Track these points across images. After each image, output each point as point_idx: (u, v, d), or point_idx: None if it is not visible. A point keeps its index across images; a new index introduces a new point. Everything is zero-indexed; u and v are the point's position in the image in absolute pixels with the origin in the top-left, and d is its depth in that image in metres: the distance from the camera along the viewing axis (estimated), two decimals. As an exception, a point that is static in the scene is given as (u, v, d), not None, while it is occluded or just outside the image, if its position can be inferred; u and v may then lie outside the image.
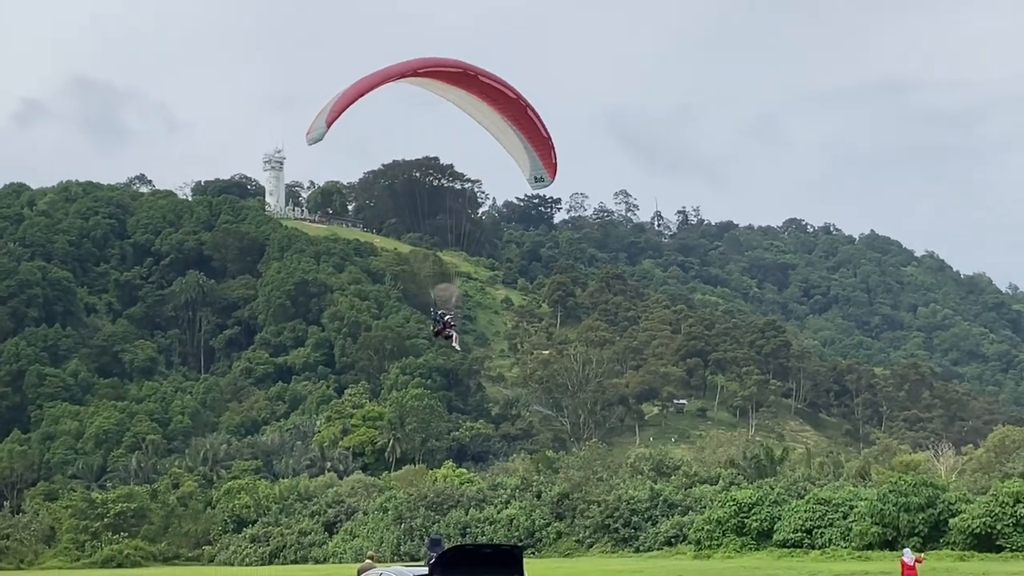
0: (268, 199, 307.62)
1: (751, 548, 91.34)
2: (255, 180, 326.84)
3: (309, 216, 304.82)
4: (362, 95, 30.25)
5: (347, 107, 30.26)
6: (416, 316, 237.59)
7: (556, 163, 32.85)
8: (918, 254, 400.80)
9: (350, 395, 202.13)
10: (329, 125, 29.35)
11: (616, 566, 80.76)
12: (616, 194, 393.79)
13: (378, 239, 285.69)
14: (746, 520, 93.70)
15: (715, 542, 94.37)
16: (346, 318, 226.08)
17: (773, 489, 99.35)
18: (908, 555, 33.93)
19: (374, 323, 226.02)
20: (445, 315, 32.20)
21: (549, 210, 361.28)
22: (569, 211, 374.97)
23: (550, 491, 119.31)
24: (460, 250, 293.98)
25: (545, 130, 31.78)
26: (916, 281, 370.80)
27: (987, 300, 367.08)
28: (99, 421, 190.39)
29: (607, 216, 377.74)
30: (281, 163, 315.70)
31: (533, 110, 31.63)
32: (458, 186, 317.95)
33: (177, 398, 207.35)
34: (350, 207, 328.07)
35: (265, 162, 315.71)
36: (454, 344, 31.37)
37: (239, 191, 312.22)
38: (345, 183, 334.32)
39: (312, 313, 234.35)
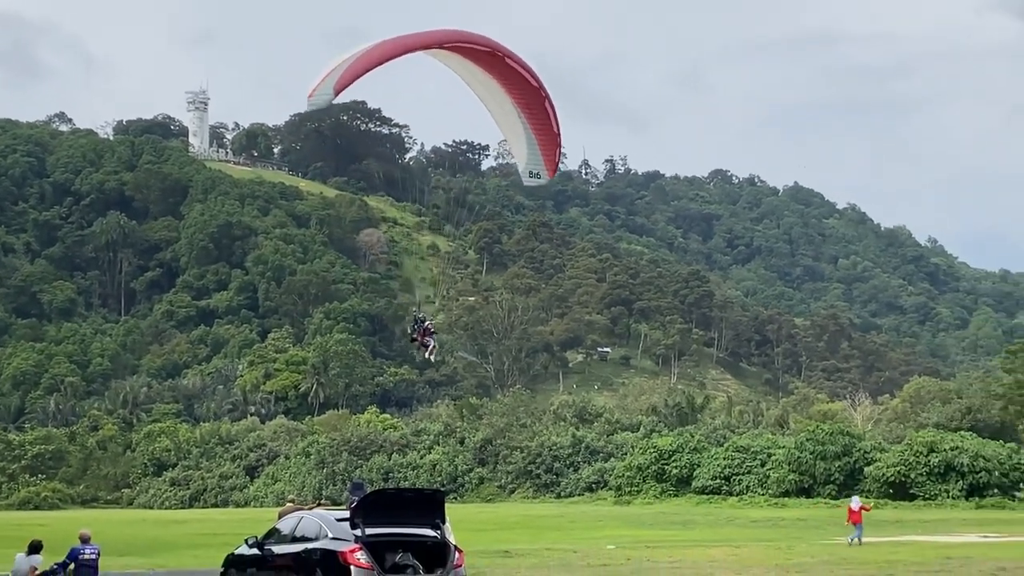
0: (192, 140, 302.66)
1: (671, 494, 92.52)
2: (178, 120, 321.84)
3: (234, 158, 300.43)
4: (380, 64, 29.14)
5: (361, 76, 29.15)
6: (342, 261, 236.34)
7: (558, 162, 31.93)
8: (840, 207, 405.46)
9: (273, 339, 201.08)
10: (337, 92, 28.16)
11: (538, 511, 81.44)
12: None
13: (304, 183, 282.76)
14: (666, 467, 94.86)
15: (635, 488, 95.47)
16: (270, 262, 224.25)
17: (693, 437, 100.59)
18: (855, 502, 35.18)
19: (299, 267, 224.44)
20: (425, 320, 31.50)
21: (477, 157, 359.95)
22: (497, 158, 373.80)
23: (473, 437, 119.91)
24: (387, 195, 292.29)
25: (557, 126, 30.83)
26: (838, 233, 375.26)
27: (906, 253, 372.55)
28: (16, 362, 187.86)
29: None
30: (205, 104, 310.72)
31: (551, 103, 30.63)
32: (386, 131, 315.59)
33: (97, 340, 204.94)
34: (276, 150, 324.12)
35: (189, 102, 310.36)
36: (429, 356, 30.46)
37: (162, 131, 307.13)
38: (271, 125, 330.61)
39: (236, 256, 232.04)
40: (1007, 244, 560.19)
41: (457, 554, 20.78)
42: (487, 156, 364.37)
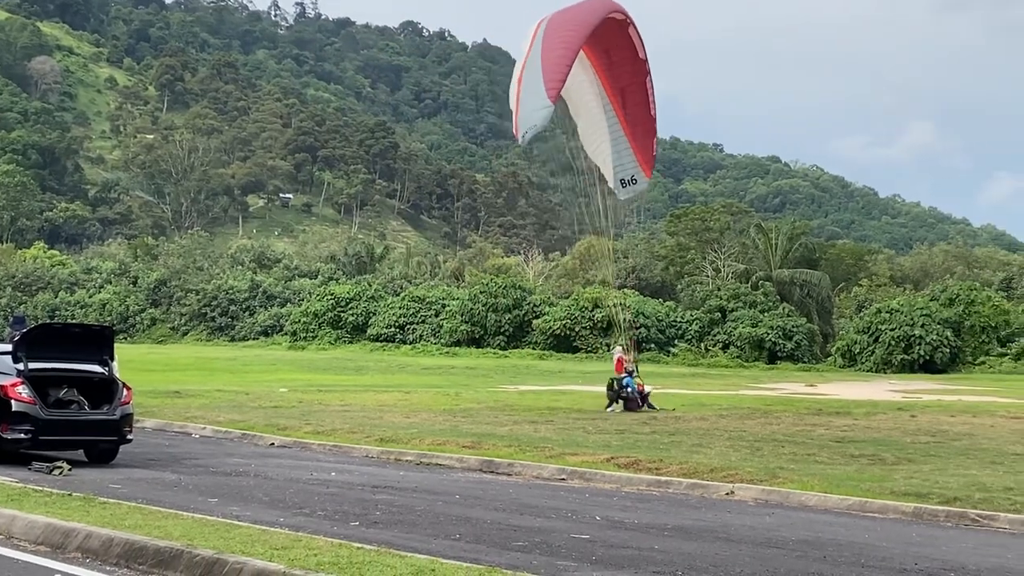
0: None
1: (345, 341, 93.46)
2: None
3: None
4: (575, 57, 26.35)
5: (566, 77, 25.99)
6: (10, 88, 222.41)
7: (655, 155, 29.11)
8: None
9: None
10: (555, 100, 25.39)
11: (211, 353, 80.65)
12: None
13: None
14: (343, 314, 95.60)
15: (311, 334, 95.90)
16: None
17: (371, 286, 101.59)
18: (617, 351, 36.65)
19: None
20: None
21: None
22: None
23: (147, 278, 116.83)
24: (62, 22, 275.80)
25: (654, 107, 28.21)
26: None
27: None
28: None
29: (222, 2, 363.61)
30: None
31: (651, 80, 28.13)
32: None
33: None
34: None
35: None
36: None
37: None
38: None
39: None
40: (678, 112, 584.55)
41: (125, 391, 20.53)
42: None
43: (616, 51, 26.50)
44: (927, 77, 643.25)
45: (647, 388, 34.69)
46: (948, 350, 76.47)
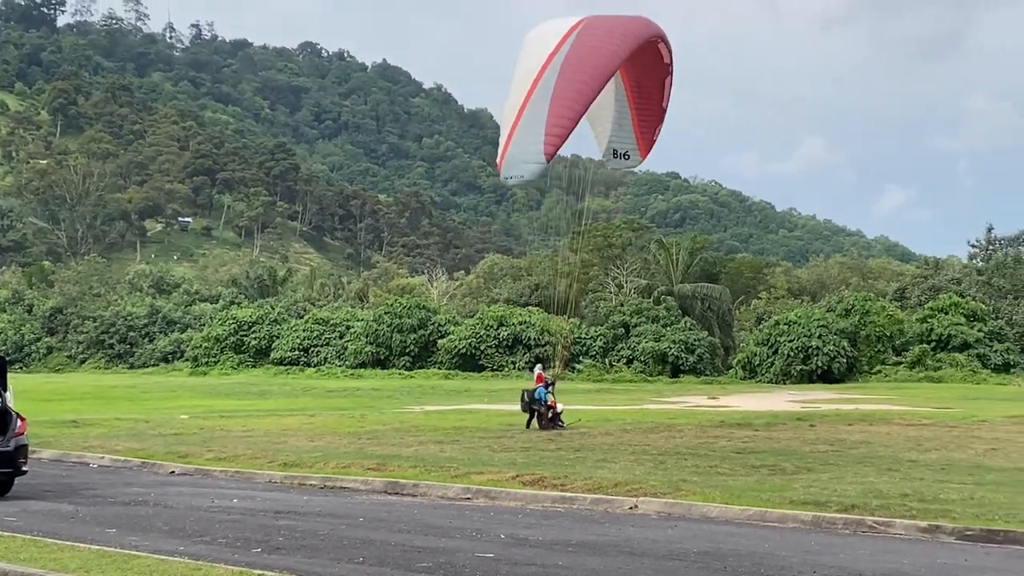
0: None
1: (248, 365, 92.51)
2: None
3: None
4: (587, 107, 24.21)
5: (569, 134, 24.17)
6: None
7: (655, 141, 27.95)
8: (427, 86, 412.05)
9: None
10: (550, 158, 23.39)
11: (110, 381, 79.28)
12: (126, 1, 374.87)
13: None
14: (245, 338, 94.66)
15: (212, 359, 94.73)
16: None
17: (274, 309, 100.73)
18: (539, 368, 36.60)
19: None
20: None
21: (52, 12, 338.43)
22: (74, 15, 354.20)
23: (43, 305, 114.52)
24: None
25: (667, 99, 27.19)
26: (423, 112, 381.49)
27: (487, 134, 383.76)
28: None
29: (116, 23, 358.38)
30: None
31: (671, 78, 27.10)
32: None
33: None
34: None
35: None
36: None
37: None
38: None
39: None
40: (577, 130, 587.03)
41: (19, 422, 20.11)
42: (63, 12, 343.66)
43: (641, 57, 25.91)
44: (815, 92, 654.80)
45: (559, 406, 34.73)
46: (845, 360, 77.86)
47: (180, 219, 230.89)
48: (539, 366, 37.06)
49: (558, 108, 23.47)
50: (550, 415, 33.87)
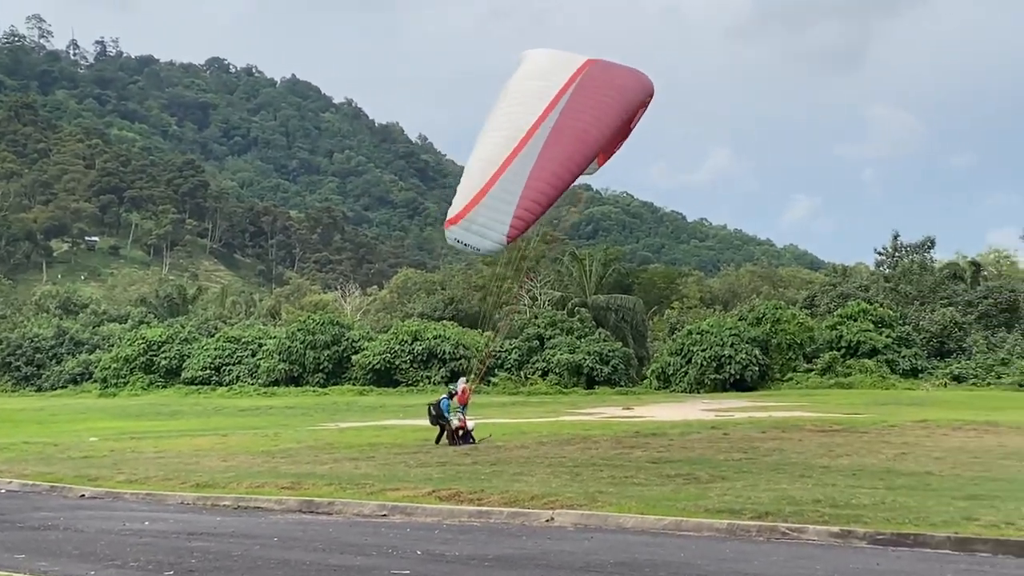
0: None
1: (159, 386, 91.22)
2: None
3: None
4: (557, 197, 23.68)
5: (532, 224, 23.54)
6: None
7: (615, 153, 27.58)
8: (337, 101, 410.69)
9: None
10: (510, 241, 22.76)
11: (16, 405, 77.62)
12: (29, 18, 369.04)
13: None
14: (155, 358, 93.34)
15: (122, 380, 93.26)
16: None
17: (184, 328, 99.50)
18: (461, 382, 36.39)
19: None
20: None
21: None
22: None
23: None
24: None
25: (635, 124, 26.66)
26: (334, 127, 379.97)
27: (398, 149, 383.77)
28: None
29: (18, 41, 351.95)
30: None
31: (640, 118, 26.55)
32: None
33: None
34: None
35: None
36: None
37: None
38: None
39: None
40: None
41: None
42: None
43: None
44: (723, 103, 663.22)
45: (470, 423, 34.53)
46: (757, 368, 78.73)
47: (87, 238, 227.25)
48: (463, 380, 36.88)
49: (533, 190, 22.73)
50: (460, 433, 33.71)
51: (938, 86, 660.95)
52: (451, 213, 22.87)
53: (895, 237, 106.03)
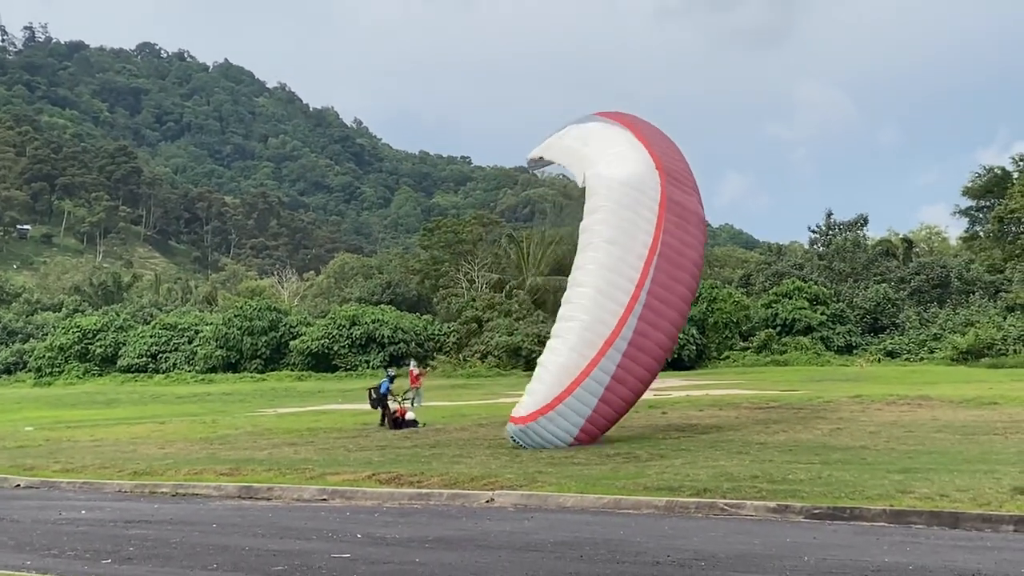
0: None
1: (95, 374, 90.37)
2: None
3: None
4: None
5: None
6: None
7: None
8: (270, 85, 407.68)
9: None
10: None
11: (-52, 397, 76.62)
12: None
13: None
14: (90, 346, 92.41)
15: (57, 369, 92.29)
16: None
17: (119, 315, 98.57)
18: (413, 365, 36.50)
19: None
20: None
21: None
22: None
23: None
24: None
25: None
26: (268, 112, 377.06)
27: (333, 133, 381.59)
28: None
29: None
30: None
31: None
32: None
33: None
34: None
35: None
36: None
37: None
38: None
39: None
40: (425, 126, 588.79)
41: None
42: None
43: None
44: (651, 83, 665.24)
45: (409, 414, 34.45)
46: (694, 347, 79.36)
47: (19, 227, 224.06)
48: (413, 362, 36.99)
49: (603, 416, 25.81)
50: (398, 419, 33.66)
51: (865, 63, 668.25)
52: (516, 412, 25.86)
53: (828, 215, 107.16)
